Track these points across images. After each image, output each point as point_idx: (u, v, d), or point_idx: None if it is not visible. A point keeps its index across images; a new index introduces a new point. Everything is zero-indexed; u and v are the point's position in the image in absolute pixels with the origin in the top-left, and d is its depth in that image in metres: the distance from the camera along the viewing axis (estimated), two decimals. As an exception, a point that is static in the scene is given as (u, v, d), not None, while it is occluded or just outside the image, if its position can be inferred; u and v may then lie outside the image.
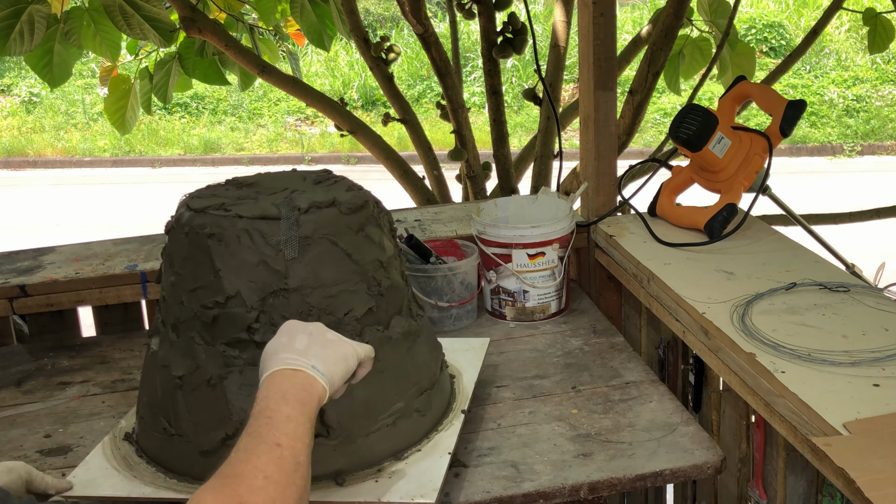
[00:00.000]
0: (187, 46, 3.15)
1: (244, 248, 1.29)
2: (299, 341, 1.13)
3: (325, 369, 1.12)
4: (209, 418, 1.31)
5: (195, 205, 1.35)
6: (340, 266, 1.32)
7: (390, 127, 3.32)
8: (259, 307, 1.29)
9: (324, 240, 1.31)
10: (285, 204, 1.31)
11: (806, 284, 1.67)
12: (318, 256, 1.30)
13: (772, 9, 11.81)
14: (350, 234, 1.34)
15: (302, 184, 1.42)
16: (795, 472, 1.47)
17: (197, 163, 10.58)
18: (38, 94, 11.76)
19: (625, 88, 2.98)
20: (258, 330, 1.29)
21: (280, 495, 0.94)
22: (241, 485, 0.93)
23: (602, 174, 2.11)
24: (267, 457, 0.97)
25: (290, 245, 1.28)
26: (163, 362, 1.36)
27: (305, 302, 1.29)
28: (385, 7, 12.83)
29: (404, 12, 2.79)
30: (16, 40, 2.50)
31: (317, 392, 1.10)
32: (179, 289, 1.34)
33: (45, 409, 1.65)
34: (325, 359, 1.13)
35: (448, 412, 1.47)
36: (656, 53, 2.69)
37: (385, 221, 1.44)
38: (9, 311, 1.92)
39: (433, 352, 1.48)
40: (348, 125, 3.06)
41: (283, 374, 1.10)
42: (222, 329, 1.30)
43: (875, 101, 10.69)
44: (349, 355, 1.17)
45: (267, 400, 1.06)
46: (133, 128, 3.37)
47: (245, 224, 1.30)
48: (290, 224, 1.29)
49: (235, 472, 0.95)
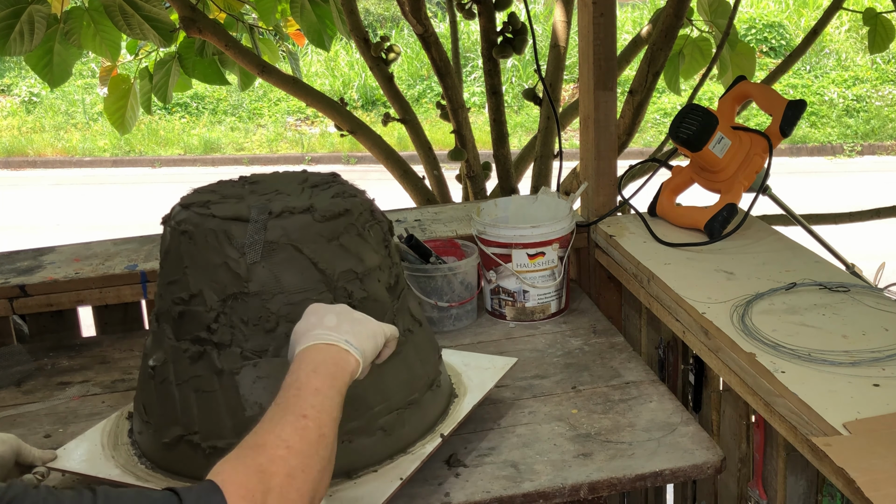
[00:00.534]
0: (187, 46, 3.15)
1: (210, 248, 1.30)
2: (328, 319, 1.14)
3: (359, 344, 1.13)
4: (170, 412, 1.33)
5: (186, 200, 1.37)
6: (305, 274, 1.30)
7: (390, 127, 3.32)
8: (219, 308, 1.29)
9: (289, 246, 1.29)
10: (258, 207, 1.31)
11: (806, 284, 1.67)
12: (281, 262, 1.29)
13: (772, 9, 11.82)
14: (321, 243, 1.31)
15: (296, 186, 1.40)
16: (795, 472, 1.47)
17: (197, 163, 10.58)
18: (39, 94, 11.76)
19: (625, 88, 2.98)
20: (216, 331, 1.29)
21: (301, 465, 0.95)
22: (261, 454, 0.94)
23: (602, 174, 2.11)
24: (291, 427, 0.98)
25: (254, 249, 1.28)
26: (145, 349, 1.39)
27: (265, 307, 1.28)
28: (385, 7, 12.83)
29: (404, 12, 2.79)
30: (16, 40, 2.50)
31: (350, 366, 1.10)
32: (161, 281, 1.37)
33: (45, 409, 1.65)
34: (357, 334, 1.14)
35: (428, 433, 1.40)
36: (656, 53, 2.69)
37: (374, 232, 1.39)
38: (9, 311, 1.93)
39: (417, 369, 1.40)
40: (348, 125, 3.06)
41: (316, 348, 1.10)
42: (186, 326, 1.32)
43: (875, 101, 10.69)
44: (377, 333, 1.18)
45: (297, 372, 1.06)
46: (133, 128, 3.37)
47: (215, 224, 1.30)
48: (257, 228, 1.29)
49: (258, 441, 0.95)
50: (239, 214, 1.30)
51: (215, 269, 1.29)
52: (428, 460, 1.35)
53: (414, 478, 1.35)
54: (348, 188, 1.41)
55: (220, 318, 1.29)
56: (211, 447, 1.29)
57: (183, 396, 1.31)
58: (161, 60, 3.20)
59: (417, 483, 1.35)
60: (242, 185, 1.44)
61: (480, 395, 1.49)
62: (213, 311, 1.29)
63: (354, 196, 1.39)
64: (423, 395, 1.40)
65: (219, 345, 1.28)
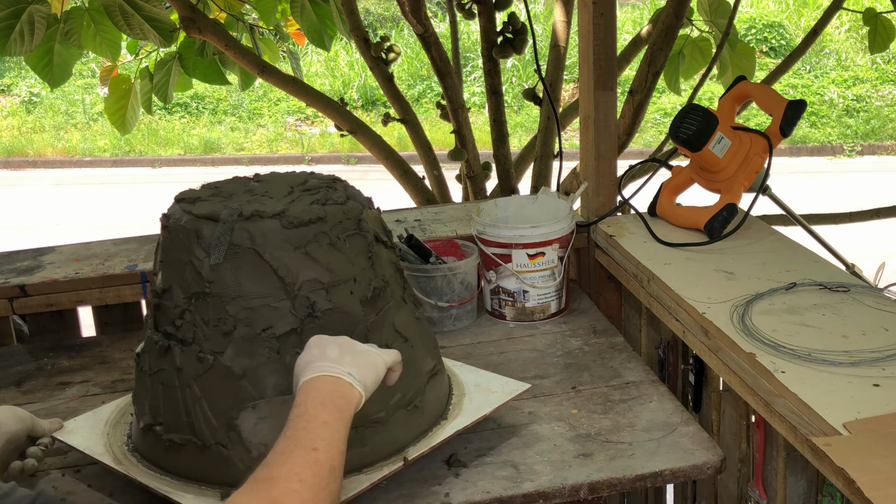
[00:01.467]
0: (187, 46, 3.15)
1: (181, 245, 1.31)
2: (331, 351, 1.16)
3: (360, 376, 1.15)
4: (143, 399, 1.36)
5: (181, 195, 1.39)
6: (265, 280, 1.28)
7: (390, 127, 3.32)
8: (184, 305, 1.30)
9: (251, 250, 1.28)
10: (231, 209, 1.31)
11: (806, 284, 1.67)
12: (242, 266, 1.29)
13: (772, 9, 11.82)
14: (286, 250, 1.29)
15: (285, 189, 1.39)
16: (795, 472, 1.47)
17: (197, 163, 10.58)
18: (39, 94, 11.76)
19: (625, 88, 2.98)
20: (181, 327, 1.30)
21: (313, 498, 0.96)
22: (275, 487, 0.95)
23: (602, 174, 2.11)
24: (302, 460, 0.99)
25: (218, 250, 1.28)
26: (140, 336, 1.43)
27: (224, 309, 1.28)
28: (385, 7, 12.83)
29: (404, 12, 2.79)
30: (16, 40, 2.50)
31: (354, 398, 1.12)
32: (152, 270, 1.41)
33: (45, 409, 1.65)
34: (358, 366, 1.16)
35: (396, 454, 1.34)
36: (656, 53, 2.70)
37: (353, 242, 1.34)
38: (9, 311, 1.93)
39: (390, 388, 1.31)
40: (348, 125, 3.06)
41: (321, 379, 1.12)
42: (159, 319, 1.34)
43: (875, 100, 10.69)
44: (378, 363, 1.19)
45: (305, 404, 1.08)
46: (133, 128, 3.38)
47: (188, 222, 1.31)
48: (224, 229, 1.29)
49: (271, 475, 0.96)
50: (212, 214, 1.31)
51: (183, 267, 1.31)
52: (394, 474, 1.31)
53: (413, 477, 1.35)
54: (338, 195, 1.36)
55: (185, 314, 1.30)
56: (170, 440, 1.31)
57: (153, 387, 1.34)
58: (161, 60, 3.20)
59: (417, 483, 1.35)
60: (247, 183, 1.44)
61: (469, 420, 1.41)
62: (179, 308, 1.30)
63: (341, 203, 1.35)
64: (392, 415, 1.34)
65: (182, 341, 1.30)
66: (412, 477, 1.35)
